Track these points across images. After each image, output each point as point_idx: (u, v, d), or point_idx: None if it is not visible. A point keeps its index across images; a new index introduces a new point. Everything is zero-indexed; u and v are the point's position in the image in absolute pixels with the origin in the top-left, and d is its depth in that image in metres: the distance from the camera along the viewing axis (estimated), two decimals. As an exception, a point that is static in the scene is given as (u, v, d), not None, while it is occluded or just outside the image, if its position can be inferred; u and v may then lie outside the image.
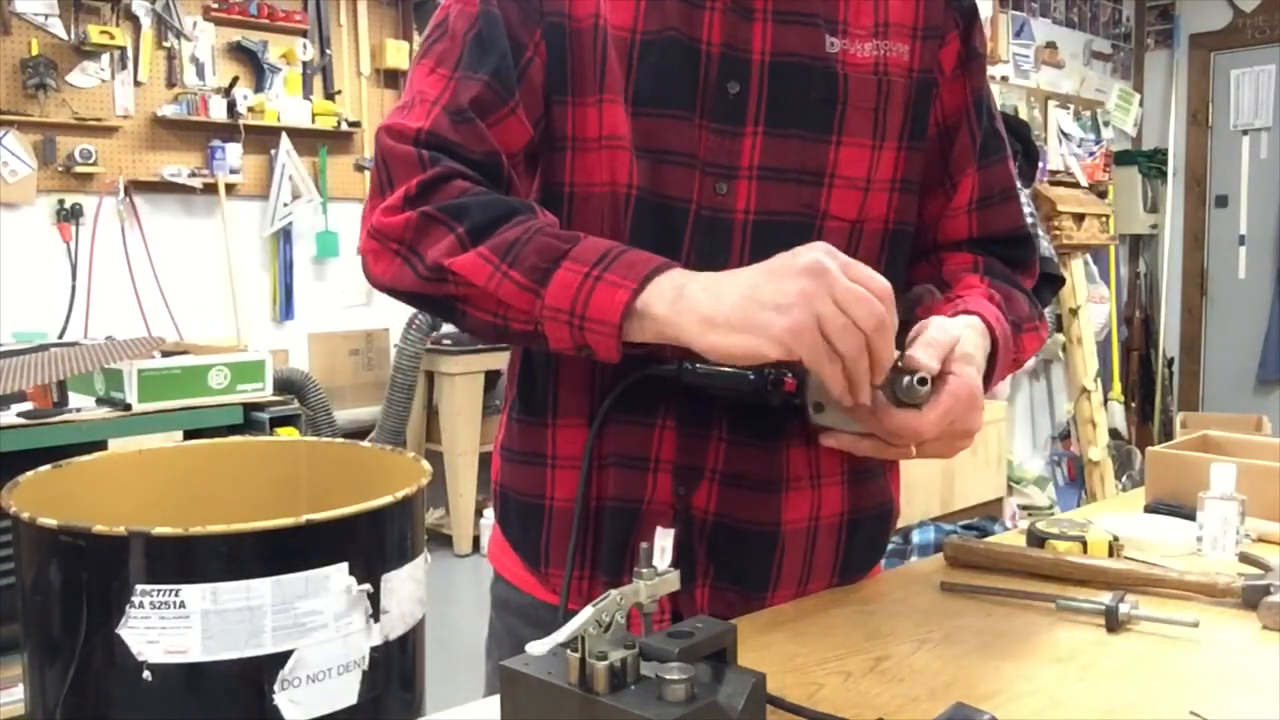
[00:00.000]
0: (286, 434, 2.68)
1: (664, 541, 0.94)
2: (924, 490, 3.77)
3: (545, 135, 0.98)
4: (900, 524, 3.77)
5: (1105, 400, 5.48)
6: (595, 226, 0.96)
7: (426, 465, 1.18)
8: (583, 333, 0.86)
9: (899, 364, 0.86)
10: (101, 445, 2.43)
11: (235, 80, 4.22)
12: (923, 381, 0.85)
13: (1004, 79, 5.26)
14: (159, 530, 0.93)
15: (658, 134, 0.95)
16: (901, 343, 0.88)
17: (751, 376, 0.93)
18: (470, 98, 0.93)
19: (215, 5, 4.20)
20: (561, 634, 0.70)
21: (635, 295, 0.83)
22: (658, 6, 0.95)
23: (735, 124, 0.95)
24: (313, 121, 4.44)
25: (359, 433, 4.28)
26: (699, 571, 1.01)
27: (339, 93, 4.59)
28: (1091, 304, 5.24)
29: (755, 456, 1.00)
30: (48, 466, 1.15)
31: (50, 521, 0.95)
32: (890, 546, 3.54)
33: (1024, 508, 4.69)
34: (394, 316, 4.71)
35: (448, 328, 4.63)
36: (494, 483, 1.11)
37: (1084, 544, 1.16)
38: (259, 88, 4.34)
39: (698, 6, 0.95)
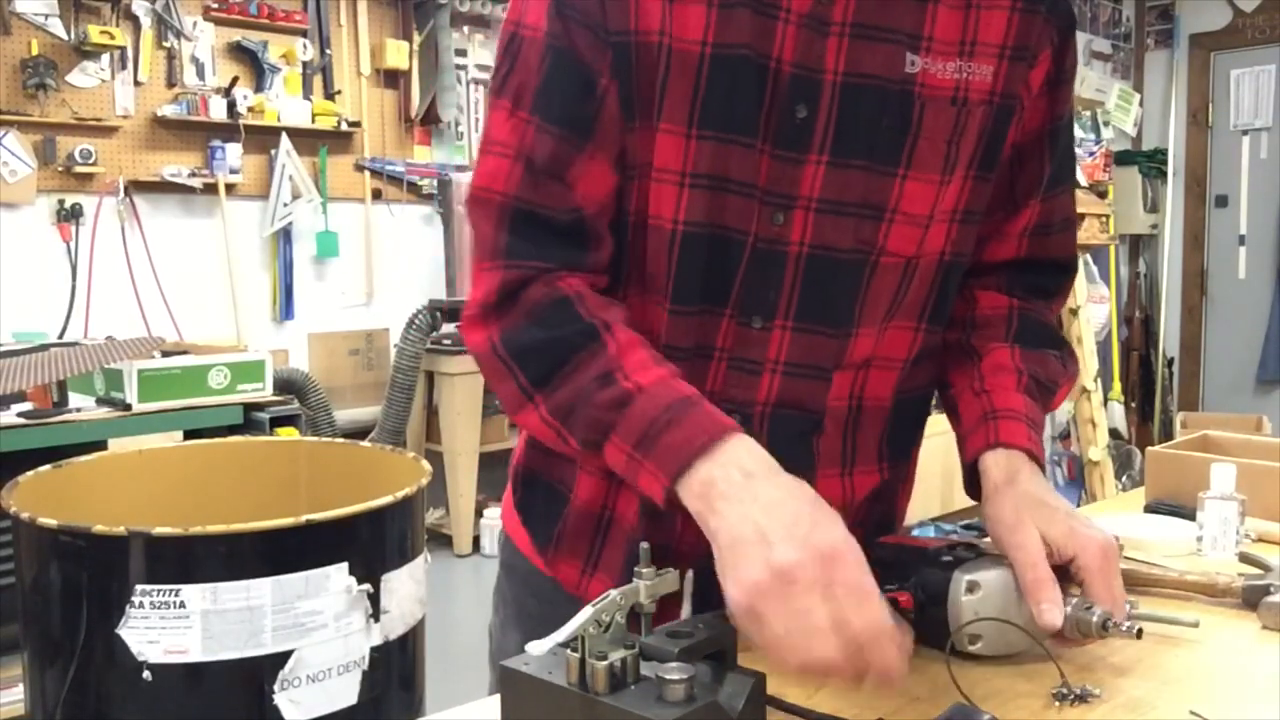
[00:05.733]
0: (286, 434, 2.68)
1: (688, 588, 0.93)
2: (924, 490, 3.76)
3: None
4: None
5: (1105, 400, 5.48)
6: (649, 257, 0.92)
7: (426, 465, 1.18)
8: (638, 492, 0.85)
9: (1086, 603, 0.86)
10: (101, 445, 2.43)
11: (235, 80, 4.22)
12: (1140, 633, 0.85)
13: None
14: (159, 530, 0.93)
15: (721, 161, 0.89)
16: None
17: None
18: (548, 153, 0.89)
19: (215, 5, 4.20)
20: (561, 634, 0.70)
21: (666, 491, 0.81)
22: (730, 16, 0.86)
23: (799, 151, 0.88)
24: (313, 121, 4.44)
25: (359, 433, 4.28)
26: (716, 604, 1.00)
27: (339, 93, 4.59)
28: (1091, 304, 5.23)
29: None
30: (48, 466, 1.15)
31: (50, 521, 0.95)
32: (890, 546, 3.54)
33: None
34: (394, 316, 4.71)
35: (448, 328, 4.63)
36: (516, 463, 1.09)
37: (1084, 544, 1.16)
38: (259, 88, 4.34)
39: (771, 18, 0.86)
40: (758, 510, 0.75)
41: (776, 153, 0.89)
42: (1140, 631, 0.85)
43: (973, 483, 0.97)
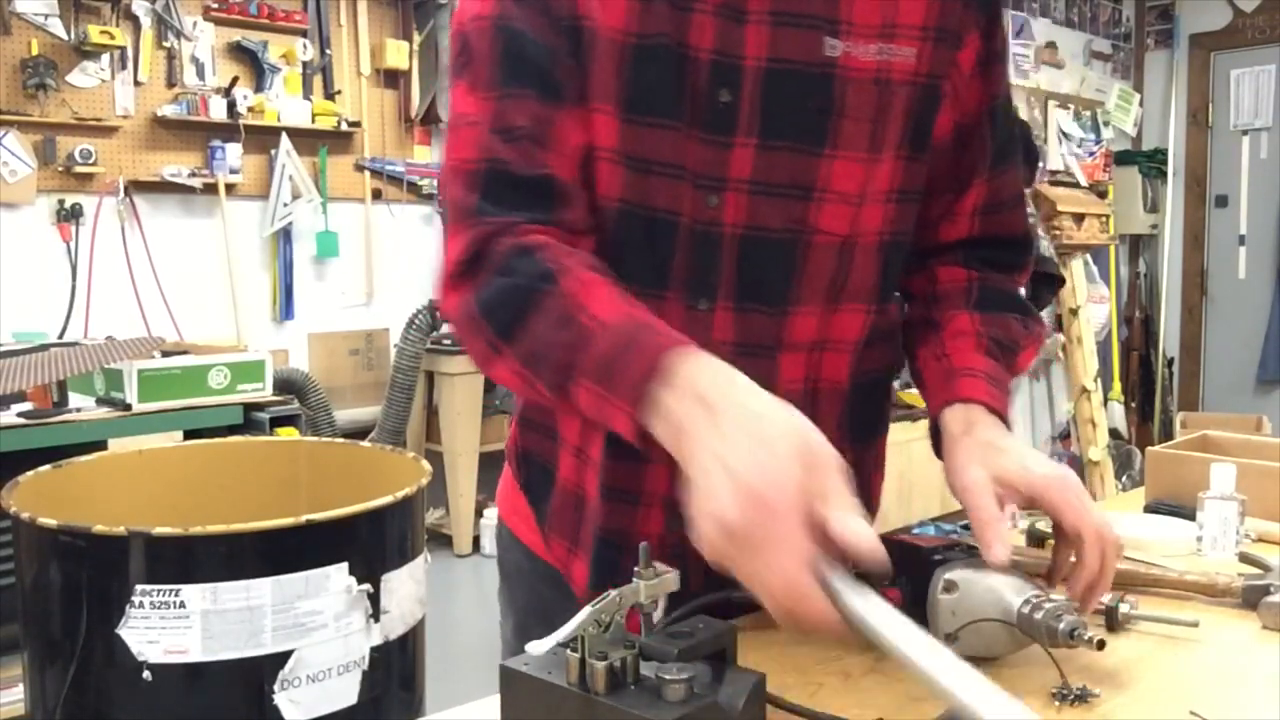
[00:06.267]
0: (286, 434, 2.68)
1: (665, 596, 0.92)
2: (924, 490, 3.76)
3: None
4: (900, 524, 3.76)
5: (1105, 400, 5.48)
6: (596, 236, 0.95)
7: (426, 465, 1.18)
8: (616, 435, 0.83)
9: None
10: (101, 445, 2.43)
11: (235, 80, 4.22)
12: (1101, 645, 0.84)
13: (1004, 79, 5.27)
14: (159, 530, 0.93)
15: (647, 144, 0.92)
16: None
17: None
18: (527, 114, 0.90)
19: (215, 5, 4.20)
20: (561, 634, 0.70)
21: (636, 424, 0.78)
22: (649, 8, 0.90)
23: (726, 134, 0.91)
24: (313, 121, 4.44)
25: (359, 433, 4.28)
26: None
27: (339, 93, 4.59)
28: (1091, 304, 5.24)
29: None
30: (48, 466, 1.15)
31: (50, 521, 0.95)
32: (890, 546, 3.54)
33: (1024, 508, 4.69)
34: (394, 316, 4.71)
35: (448, 327, 4.63)
36: (511, 444, 1.11)
37: (1084, 544, 1.16)
38: (259, 88, 4.34)
39: (686, 10, 0.89)
40: (711, 456, 0.72)
41: (705, 137, 0.91)
42: (1102, 643, 0.84)
43: (937, 442, 0.99)
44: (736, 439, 0.72)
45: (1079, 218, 4.93)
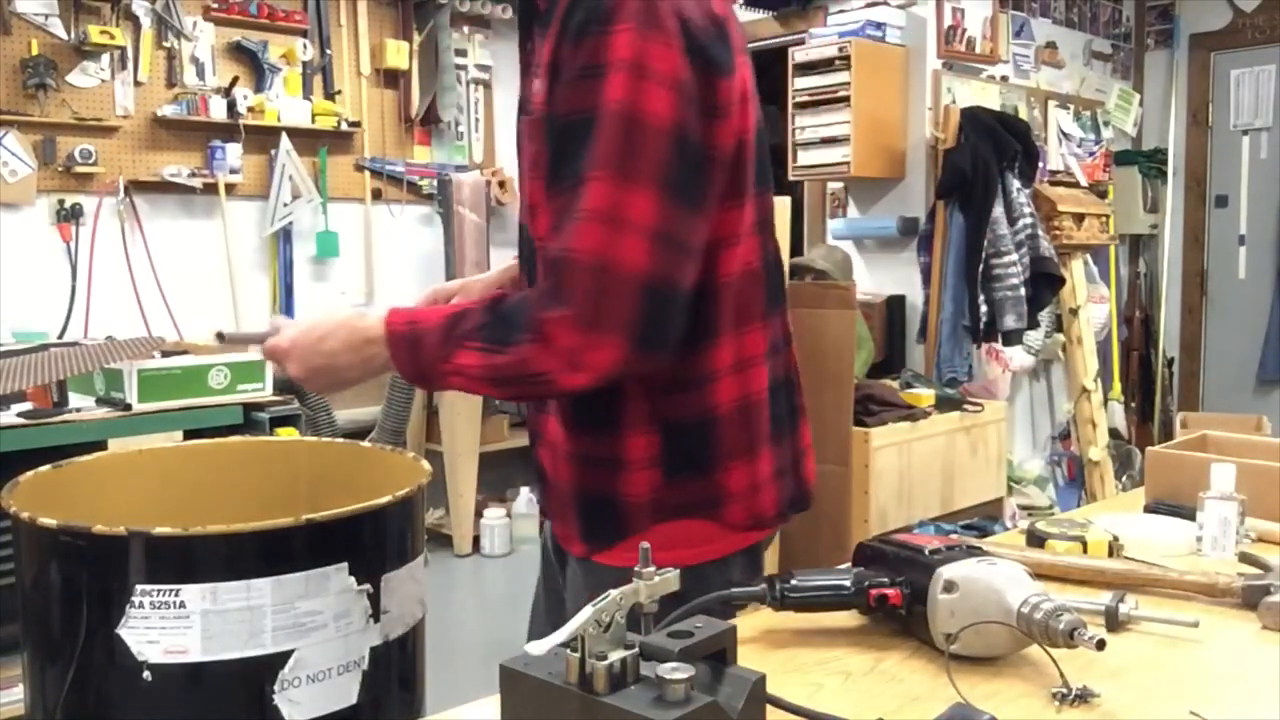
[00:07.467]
0: (286, 434, 2.68)
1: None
2: (924, 490, 3.76)
3: None
4: (900, 524, 3.75)
5: (1105, 400, 5.48)
6: None
7: (426, 465, 1.18)
8: None
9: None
10: (101, 445, 2.43)
11: (235, 80, 4.22)
12: (1101, 645, 0.85)
13: (1004, 79, 5.26)
14: (159, 530, 0.93)
15: None
16: None
17: (850, 591, 0.97)
18: None
19: (215, 5, 4.20)
20: (561, 634, 0.70)
21: None
22: None
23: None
24: (313, 121, 4.44)
25: (359, 433, 4.27)
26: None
27: (339, 93, 4.59)
28: (1091, 304, 5.23)
29: (537, 420, 1.22)
30: (48, 466, 1.15)
31: (50, 521, 0.95)
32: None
33: (1024, 508, 4.68)
34: (394, 316, 4.70)
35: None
36: None
37: (1084, 544, 1.16)
38: (259, 88, 4.34)
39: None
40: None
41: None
42: (1102, 643, 0.84)
43: None
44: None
45: (1079, 218, 4.93)
